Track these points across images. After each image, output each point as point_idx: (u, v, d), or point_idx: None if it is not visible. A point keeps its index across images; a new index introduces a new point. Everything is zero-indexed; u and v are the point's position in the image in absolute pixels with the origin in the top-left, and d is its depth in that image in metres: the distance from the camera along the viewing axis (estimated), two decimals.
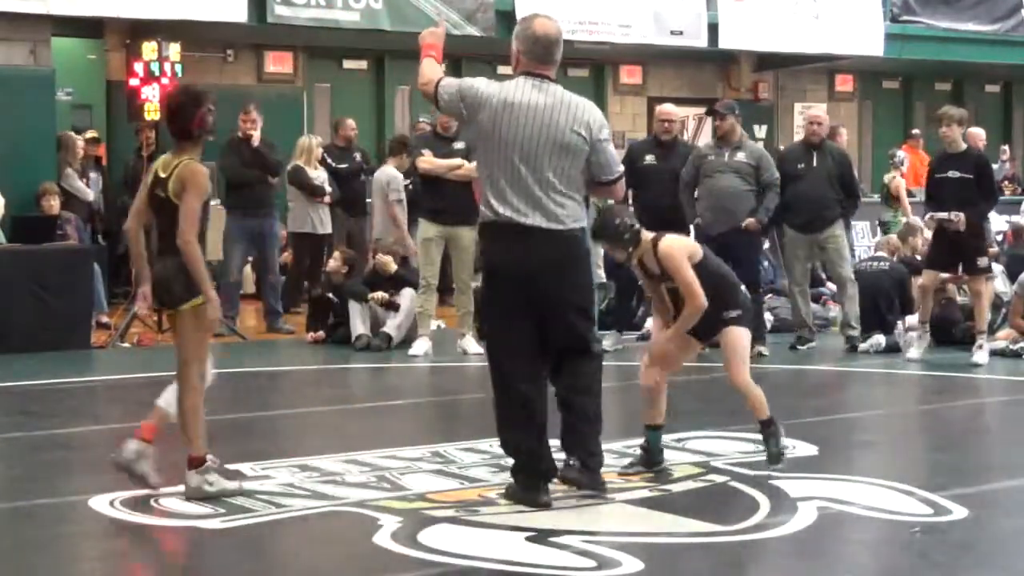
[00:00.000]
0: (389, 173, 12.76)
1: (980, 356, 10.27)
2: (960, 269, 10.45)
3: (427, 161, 10.67)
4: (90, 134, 14.86)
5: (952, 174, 10.34)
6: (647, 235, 6.26)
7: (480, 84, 5.88)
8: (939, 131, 10.64)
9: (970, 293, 10.68)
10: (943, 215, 10.21)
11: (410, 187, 13.82)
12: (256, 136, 12.33)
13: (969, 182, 10.27)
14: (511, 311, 5.80)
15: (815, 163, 11.10)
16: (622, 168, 6.17)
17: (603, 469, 6.14)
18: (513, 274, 5.77)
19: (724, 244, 10.67)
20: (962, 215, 10.10)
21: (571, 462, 5.83)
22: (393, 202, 12.66)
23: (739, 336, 6.32)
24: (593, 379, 5.92)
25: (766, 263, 14.30)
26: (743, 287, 6.58)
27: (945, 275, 10.69)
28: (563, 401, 5.89)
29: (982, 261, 10.37)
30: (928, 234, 11.09)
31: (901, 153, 16.59)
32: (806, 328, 11.24)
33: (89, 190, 13.70)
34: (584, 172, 5.87)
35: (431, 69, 5.97)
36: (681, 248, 6.29)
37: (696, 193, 10.89)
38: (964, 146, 10.45)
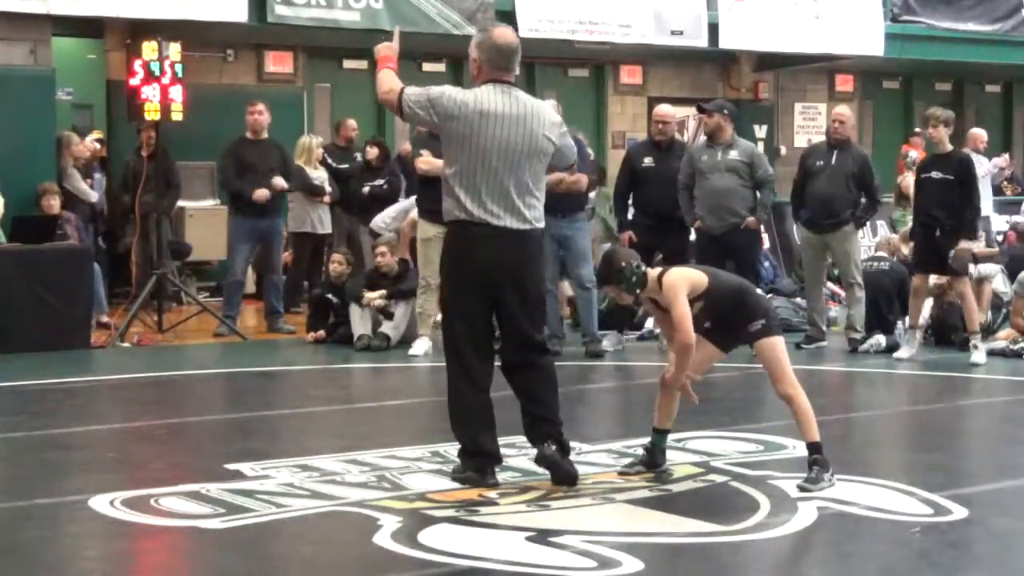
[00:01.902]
0: None
1: (978, 356, 10.30)
2: (942, 270, 10.52)
3: (426, 161, 10.66)
4: (96, 135, 14.87)
5: (935, 175, 10.44)
6: (652, 273, 6.18)
7: (451, 92, 6.05)
8: (926, 132, 10.75)
9: (956, 295, 10.68)
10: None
11: (385, 187, 13.86)
12: (265, 131, 12.33)
13: (951, 183, 10.34)
14: (475, 311, 6.06)
15: (834, 162, 11.09)
16: (575, 154, 6.46)
17: (603, 469, 6.33)
18: (480, 271, 6.00)
19: (726, 244, 10.72)
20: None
21: (546, 446, 6.03)
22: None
23: (771, 346, 6.13)
24: (552, 373, 6.19)
25: (767, 263, 14.33)
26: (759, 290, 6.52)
27: (936, 278, 10.75)
28: (527, 395, 6.12)
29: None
30: None
31: (914, 153, 16.58)
32: (816, 328, 11.24)
33: (93, 191, 13.70)
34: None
35: (391, 79, 6.13)
36: (683, 280, 6.12)
37: (694, 194, 10.91)
38: (950, 147, 10.54)
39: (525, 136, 5.98)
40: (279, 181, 12.25)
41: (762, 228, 11.52)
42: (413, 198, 11.63)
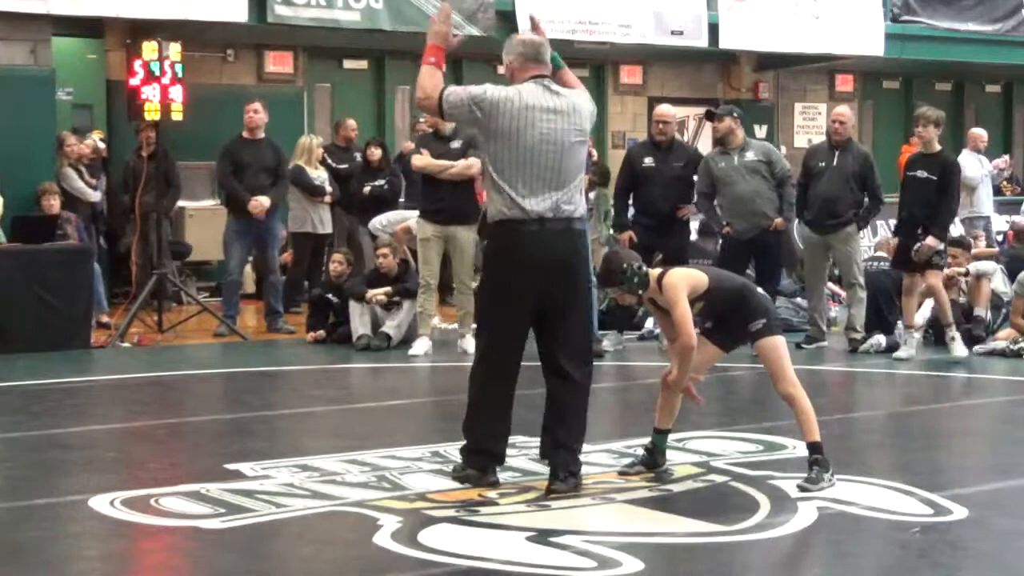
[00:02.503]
0: None
1: (958, 349, 10.39)
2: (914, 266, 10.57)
3: (421, 159, 10.68)
4: (98, 134, 14.87)
5: (920, 173, 10.53)
6: (652, 273, 6.18)
7: (492, 90, 6.00)
8: (915, 131, 10.81)
9: (928, 289, 10.71)
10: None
11: (385, 187, 13.85)
12: (261, 130, 12.32)
13: (932, 183, 10.42)
14: (515, 314, 5.99)
15: (835, 162, 11.10)
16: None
17: (603, 470, 6.38)
18: (529, 271, 5.92)
19: (753, 245, 10.74)
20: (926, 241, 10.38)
21: (560, 476, 5.98)
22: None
23: (772, 346, 6.15)
24: (586, 389, 6.11)
25: None
26: (760, 290, 6.52)
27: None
28: (556, 410, 6.05)
29: (935, 257, 10.47)
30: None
31: None
32: (816, 328, 11.24)
33: (94, 191, 13.68)
34: None
35: (430, 81, 6.04)
36: (683, 281, 6.13)
37: (716, 201, 10.93)
38: (938, 147, 10.60)
39: (567, 131, 5.98)
40: (261, 202, 12.07)
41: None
42: (415, 212, 11.55)
